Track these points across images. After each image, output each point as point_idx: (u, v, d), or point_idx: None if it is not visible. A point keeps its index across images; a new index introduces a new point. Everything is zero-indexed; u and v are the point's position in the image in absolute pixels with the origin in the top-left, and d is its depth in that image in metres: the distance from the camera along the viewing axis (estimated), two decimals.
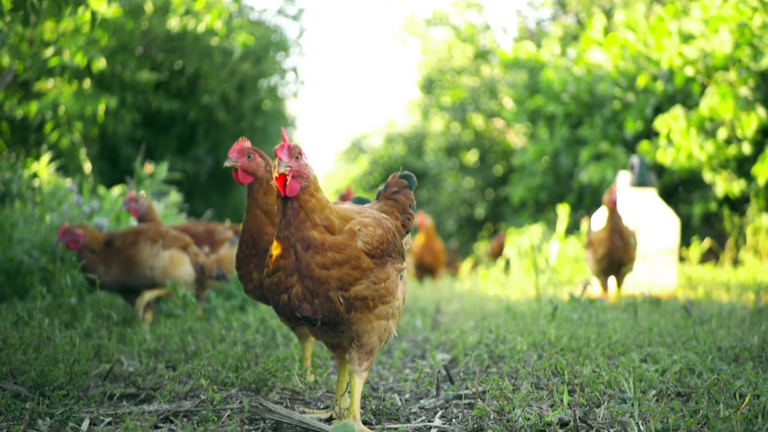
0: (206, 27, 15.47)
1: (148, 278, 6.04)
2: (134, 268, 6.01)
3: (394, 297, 3.35)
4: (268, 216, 4.15)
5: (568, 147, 18.74)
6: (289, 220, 3.16)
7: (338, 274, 3.14)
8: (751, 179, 14.93)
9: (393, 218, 3.59)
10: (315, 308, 3.16)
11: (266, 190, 4.16)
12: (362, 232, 3.24)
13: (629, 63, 17.18)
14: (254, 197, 4.16)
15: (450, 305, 9.36)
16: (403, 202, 3.71)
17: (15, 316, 5.01)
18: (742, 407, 3.32)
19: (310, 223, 3.16)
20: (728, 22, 14.29)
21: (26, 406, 3.71)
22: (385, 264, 3.31)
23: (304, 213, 3.16)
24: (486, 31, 28.07)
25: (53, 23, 12.52)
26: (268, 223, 4.14)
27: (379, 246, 3.28)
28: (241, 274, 4.30)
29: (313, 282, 3.13)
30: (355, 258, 3.18)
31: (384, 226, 3.36)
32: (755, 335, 5.20)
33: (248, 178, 4.13)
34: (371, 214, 3.39)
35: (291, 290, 3.16)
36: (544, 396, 3.88)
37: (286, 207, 3.17)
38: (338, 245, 3.17)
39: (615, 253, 8.04)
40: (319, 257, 3.13)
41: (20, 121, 14.13)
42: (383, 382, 4.66)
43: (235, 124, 19.34)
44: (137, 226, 6.26)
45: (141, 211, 6.55)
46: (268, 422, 3.55)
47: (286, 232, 3.16)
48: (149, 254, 6.03)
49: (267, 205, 4.15)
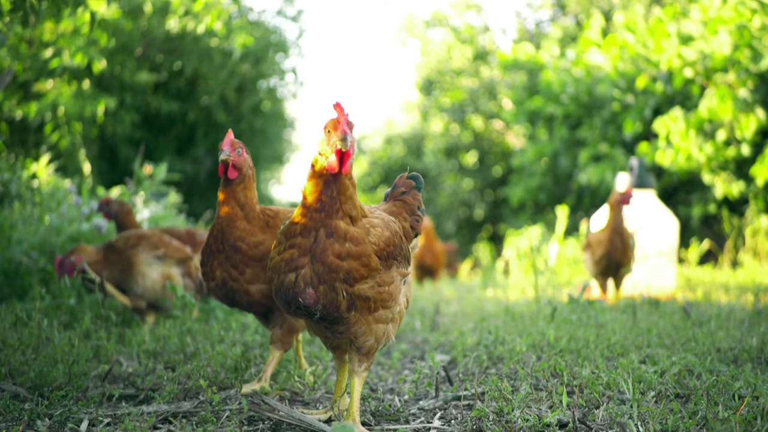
0: (205, 28, 15.47)
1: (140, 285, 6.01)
2: (130, 270, 5.99)
3: (396, 302, 3.32)
4: (243, 209, 4.04)
5: (567, 148, 18.75)
6: (324, 204, 3.10)
7: (348, 267, 3.10)
8: (750, 181, 14.94)
9: (401, 220, 3.55)
10: (318, 296, 3.10)
11: (247, 185, 4.06)
12: (371, 233, 3.21)
13: (628, 64, 17.19)
14: (233, 192, 4.04)
15: (449, 306, 9.36)
16: (412, 204, 3.67)
17: (14, 317, 5.01)
18: (741, 408, 3.32)
19: (342, 213, 3.12)
20: (727, 23, 14.30)
21: (25, 406, 3.70)
22: (390, 267, 3.28)
23: (339, 202, 3.11)
24: (485, 32, 28.09)
25: (52, 24, 12.51)
26: (242, 216, 4.04)
27: (386, 248, 3.24)
28: (204, 272, 4.16)
29: (323, 267, 3.08)
30: (366, 255, 3.14)
31: (392, 229, 3.32)
32: (754, 337, 5.20)
33: (235, 173, 4.03)
34: (380, 215, 3.35)
35: (300, 270, 3.11)
36: (543, 397, 3.89)
37: (325, 190, 3.11)
38: (356, 238, 3.13)
39: (614, 253, 8.04)
40: (337, 245, 3.09)
41: (19, 121, 14.14)
42: (382, 383, 4.66)
43: (235, 125, 19.35)
44: (141, 231, 6.26)
45: (114, 214, 6.55)
46: (267, 423, 3.54)
47: (317, 215, 3.10)
48: (144, 260, 6.01)
49: (245, 199, 4.05)
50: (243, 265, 4.02)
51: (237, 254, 4.01)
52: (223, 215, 4.04)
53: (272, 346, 4.21)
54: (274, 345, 4.20)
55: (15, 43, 11.62)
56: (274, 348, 4.21)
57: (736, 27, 14.14)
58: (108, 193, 8.91)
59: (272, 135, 21.03)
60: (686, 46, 15.33)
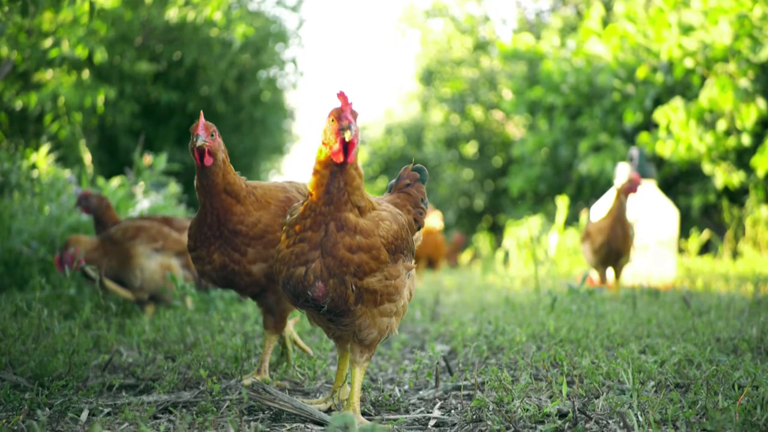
0: (205, 18, 15.44)
1: (138, 279, 6.00)
2: (128, 263, 5.97)
3: (401, 296, 3.31)
4: (231, 196, 3.90)
5: (567, 138, 18.73)
6: (332, 197, 3.07)
7: (359, 260, 3.08)
8: (750, 171, 14.94)
9: (405, 212, 3.53)
10: (328, 289, 3.08)
11: (225, 170, 3.90)
12: (380, 226, 3.18)
13: (629, 54, 17.15)
14: (213, 180, 3.88)
15: (449, 297, 9.37)
16: (416, 196, 3.65)
17: (14, 307, 5.01)
18: (740, 398, 3.32)
19: (351, 205, 3.09)
20: (728, 13, 14.28)
21: (25, 396, 3.71)
22: (397, 261, 3.27)
23: (347, 194, 3.08)
24: (485, 22, 28.04)
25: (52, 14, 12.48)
26: (235, 203, 3.91)
27: (394, 242, 3.22)
28: (198, 255, 4.02)
29: (334, 261, 3.06)
30: (376, 248, 3.12)
31: (399, 222, 3.30)
32: (754, 326, 5.21)
33: (211, 160, 3.87)
34: (387, 207, 3.33)
35: (310, 264, 3.08)
36: (543, 387, 3.89)
37: (332, 182, 3.08)
38: (366, 231, 3.11)
39: (614, 242, 8.00)
40: (348, 238, 3.07)
41: (19, 111, 14.11)
42: (382, 373, 4.66)
43: (234, 115, 19.33)
44: (140, 222, 6.23)
45: (93, 209, 6.39)
46: (267, 413, 3.55)
47: (325, 209, 3.08)
48: (142, 253, 5.99)
49: (229, 185, 3.90)
50: (245, 246, 3.92)
51: (238, 237, 3.92)
52: (218, 206, 3.90)
53: (267, 331, 4.17)
54: (269, 330, 4.16)
55: (14, 33, 11.59)
56: (270, 333, 4.16)
57: (736, 17, 14.11)
58: (108, 183, 8.89)
59: (272, 125, 21.01)
60: (687, 36, 15.30)
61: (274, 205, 3.98)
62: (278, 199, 4.01)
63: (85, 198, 6.39)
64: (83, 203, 6.41)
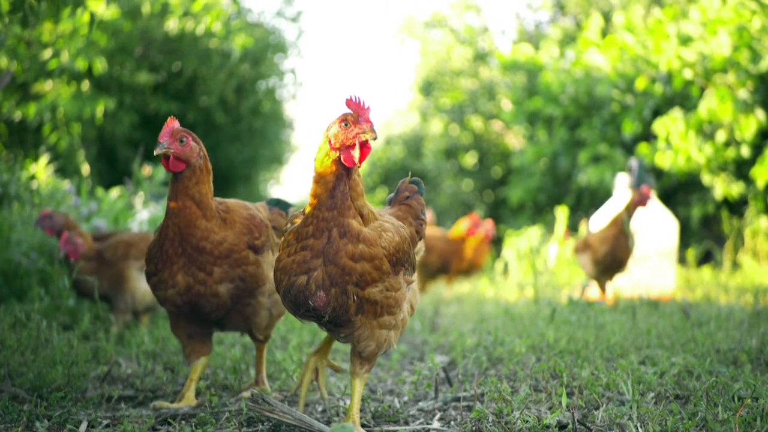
0: (205, 29, 15.48)
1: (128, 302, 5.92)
2: (121, 286, 5.88)
3: (400, 309, 3.31)
4: (200, 207, 3.66)
5: (566, 149, 18.74)
6: (336, 201, 3.06)
7: (361, 269, 3.07)
8: (749, 182, 14.94)
9: (407, 224, 3.53)
10: (329, 299, 3.08)
11: (199, 179, 3.67)
12: (383, 237, 3.19)
13: (628, 65, 17.18)
14: (184, 186, 3.65)
15: (448, 307, 9.36)
16: (416, 208, 3.66)
17: (13, 318, 5.00)
18: (740, 410, 3.31)
19: (354, 211, 3.10)
20: (727, 24, 14.30)
21: (24, 408, 3.70)
22: (398, 273, 3.27)
23: (350, 199, 3.08)
24: (484, 33, 28.09)
25: (51, 25, 12.50)
26: (201, 215, 3.66)
27: (395, 253, 3.22)
28: (160, 279, 3.71)
29: (336, 270, 3.05)
30: (379, 258, 3.12)
31: (401, 235, 3.30)
32: (754, 338, 5.20)
33: (180, 166, 3.65)
34: (390, 219, 3.34)
35: (312, 273, 3.07)
36: (542, 398, 3.88)
37: (337, 186, 3.07)
38: (369, 239, 3.11)
39: (618, 252, 7.96)
40: (351, 246, 3.06)
41: (18, 122, 14.14)
42: (382, 384, 4.66)
43: (234, 125, 19.35)
44: (127, 236, 6.06)
45: (58, 228, 5.84)
46: (266, 424, 3.54)
47: (329, 214, 3.06)
48: (135, 276, 5.88)
49: (199, 195, 3.67)
50: (210, 266, 3.68)
51: (202, 255, 3.67)
52: (180, 215, 3.65)
53: (256, 343, 4.11)
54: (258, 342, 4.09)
55: (14, 44, 11.62)
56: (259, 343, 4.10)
57: (735, 28, 14.13)
58: (107, 194, 8.89)
59: (271, 135, 21.05)
60: (686, 47, 15.32)
61: (240, 224, 3.80)
62: (243, 216, 3.84)
63: (48, 218, 5.85)
64: (46, 223, 5.85)
